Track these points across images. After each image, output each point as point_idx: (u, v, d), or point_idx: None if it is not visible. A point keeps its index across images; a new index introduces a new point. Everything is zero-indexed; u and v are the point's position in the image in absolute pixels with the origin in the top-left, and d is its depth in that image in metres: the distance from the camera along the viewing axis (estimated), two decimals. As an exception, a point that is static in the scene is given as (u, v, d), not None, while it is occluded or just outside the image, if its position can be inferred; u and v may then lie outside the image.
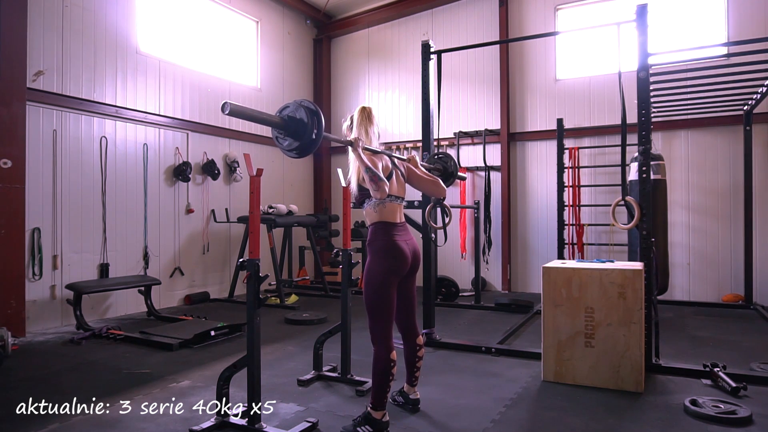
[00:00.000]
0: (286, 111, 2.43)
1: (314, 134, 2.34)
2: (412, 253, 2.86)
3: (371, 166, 2.64)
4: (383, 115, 8.95)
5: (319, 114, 2.36)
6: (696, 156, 6.77)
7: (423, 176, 3.06)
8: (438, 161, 3.83)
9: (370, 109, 2.94)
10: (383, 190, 2.65)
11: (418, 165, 3.11)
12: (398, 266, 2.76)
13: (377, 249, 2.76)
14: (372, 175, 2.62)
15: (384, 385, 2.68)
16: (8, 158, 4.81)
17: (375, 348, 2.72)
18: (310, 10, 8.99)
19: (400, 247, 2.77)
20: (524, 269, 7.80)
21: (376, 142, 2.92)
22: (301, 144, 2.39)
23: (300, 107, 2.37)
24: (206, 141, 7.18)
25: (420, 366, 3.09)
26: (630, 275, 3.35)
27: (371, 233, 2.82)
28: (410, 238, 2.91)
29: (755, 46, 4.02)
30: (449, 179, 3.80)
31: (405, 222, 2.95)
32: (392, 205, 2.83)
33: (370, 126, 2.88)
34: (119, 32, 6.07)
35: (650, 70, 3.92)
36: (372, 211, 2.82)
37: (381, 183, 2.63)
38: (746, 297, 6.13)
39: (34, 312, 5.18)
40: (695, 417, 2.89)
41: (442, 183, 3.10)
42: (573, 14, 7.57)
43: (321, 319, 5.59)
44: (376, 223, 2.81)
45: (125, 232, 6.12)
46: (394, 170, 2.93)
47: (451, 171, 3.76)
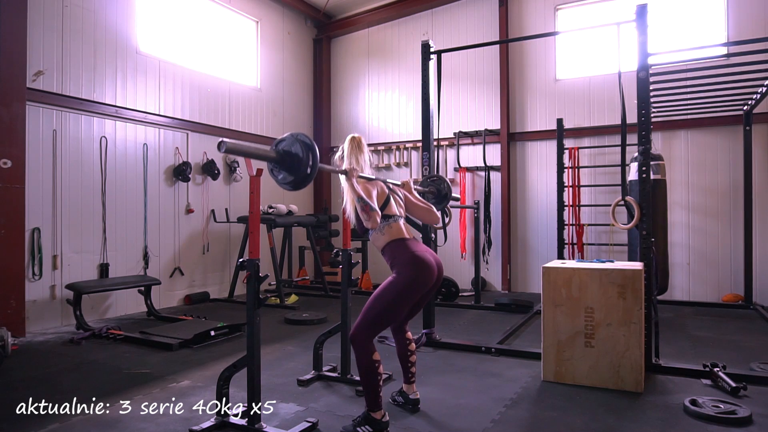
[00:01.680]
0: (282, 145, 2.45)
1: (309, 169, 2.37)
2: (437, 264, 2.81)
3: (364, 196, 2.65)
4: (383, 115, 8.96)
5: (314, 148, 2.38)
6: (696, 156, 6.77)
7: (417, 203, 3.10)
8: (431, 184, 3.84)
9: (360, 137, 2.99)
10: (374, 220, 2.64)
11: (412, 190, 3.15)
12: (425, 278, 2.69)
13: (403, 263, 2.68)
14: (364, 205, 2.63)
15: (374, 386, 2.67)
16: (8, 158, 4.81)
17: (355, 351, 2.68)
18: (310, 10, 8.99)
19: (425, 259, 2.71)
20: (524, 269, 7.80)
21: (368, 169, 2.94)
22: (296, 179, 2.42)
23: (296, 141, 2.39)
24: (206, 141, 7.18)
25: (413, 361, 3.10)
26: (630, 275, 3.35)
27: (389, 254, 2.77)
28: (430, 250, 2.88)
29: (755, 46, 4.02)
30: (442, 202, 3.81)
31: (415, 237, 2.93)
32: (397, 224, 2.84)
33: (360, 154, 2.91)
34: (119, 32, 6.07)
35: (650, 70, 3.92)
36: (379, 235, 2.81)
37: (372, 213, 2.63)
38: (746, 297, 6.13)
39: (34, 312, 5.18)
40: (695, 417, 2.89)
41: (435, 210, 3.15)
42: (573, 14, 7.57)
43: (321, 319, 5.59)
44: (389, 243, 2.79)
45: (125, 232, 6.12)
46: (391, 194, 2.94)
47: (444, 193, 3.77)
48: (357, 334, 2.67)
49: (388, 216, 2.83)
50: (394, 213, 2.87)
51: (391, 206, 2.88)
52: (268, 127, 8.33)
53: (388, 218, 2.83)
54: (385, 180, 3.01)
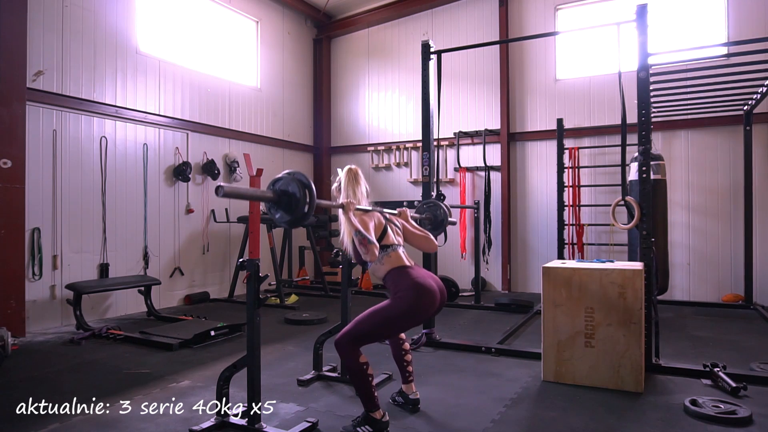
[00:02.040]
0: (279, 184, 2.46)
1: (306, 208, 2.38)
2: (440, 290, 2.78)
3: (361, 229, 2.64)
4: (383, 116, 8.96)
5: (311, 187, 2.39)
6: (696, 156, 6.77)
7: (415, 232, 3.08)
8: (427, 209, 3.83)
9: (356, 169, 3.00)
10: (372, 253, 2.62)
11: (409, 219, 3.14)
12: (426, 305, 2.65)
13: (405, 288, 2.64)
14: (362, 239, 2.61)
15: (367, 387, 2.66)
16: (8, 158, 4.81)
17: (341, 356, 2.67)
18: (310, 10, 8.99)
19: (428, 285, 2.67)
20: (524, 269, 7.80)
21: (365, 200, 2.94)
22: (293, 218, 2.43)
23: (293, 181, 2.40)
24: (206, 141, 7.18)
25: (409, 360, 3.10)
26: (630, 275, 3.35)
27: (391, 282, 2.73)
28: (433, 275, 2.86)
29: (755, 46, 4.02)
30: (439, 228, 3.80)
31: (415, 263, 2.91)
32: (396, 252, 2.83)
33: (357, 186, 2.91)
34: (119, 32, 6.07)
35: (650, 70, 3.91)
36: (379, 265, 2.80)
37: (371, 246, 2.61)
38: (746, 297, 6.13)
39: (34, 312, 5.18)
40: (695, 417, 2.89)
41: (433, 238, 3.13)
42: (573, 14, 7.57)
43: (321, 319, 5.59)
44: (390, 271, 2.77)
45: (125, 232, 6.12)
46: (388, 224, 2.94)
47: (440, 219, 3.77)
48: (343, 342, 2.66)
49: (386, 246, 2.82)
50: (392, 242, 2.86)
51: (388, 236, 2.87)
52: (268, 127, 8.33)
53: (387, 248, 2.81)
54: (381, 210, 3.00)
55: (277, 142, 8.52)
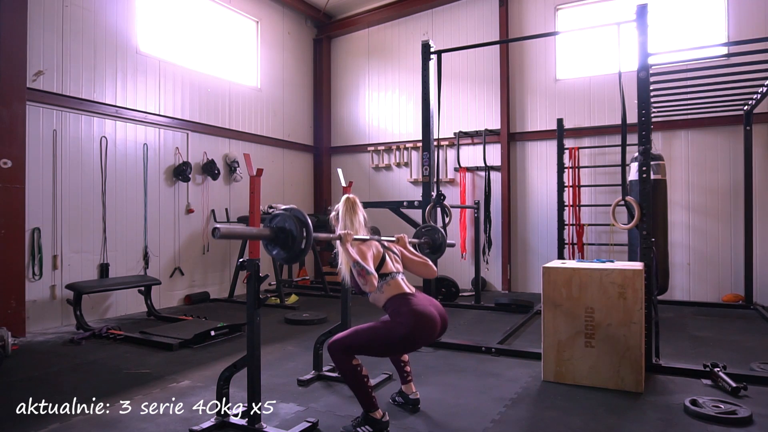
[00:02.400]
0: (276, 221, 2.47)
1: (303, 245, 2.41)
2: (441, 318, 2.76)
3: (359, 259, 2.63)
4: (383, 116, 8.96)
5: (308, 224, 2.42)
6: (696, 156, 6.77)
7: (413, 258, 3.08)
8: (425, 234, 3.83)
9: (354, 198, 3.00)
10: (371, 283, 2.60)
11: (407, 245, 3.14)
12: (428, 334, 2.64)
13: (406, 314, 2.62)
14: (360, 269, 2.60)
15: (363, 388, 2.66)
16: (8, 158, 4.81)
17: (333, 360, 2.66)
18: (310, 10, 8.99)
19: (429, 314, 2.65)
20: (524, 269, 7.80)
21: (363, 230, 2.94)
22: (289, 256, 2.46)
23: (290, 218, 2.43)
24: (206, 141, 7.18)
25: (406, 360, 3.10)
26: (630, 275, 3.35)
27: (391, 309, 2.71)
28: (434, 302, 2.84)
29: (755, 46, 4.02)
30: (437, 252, 3.80)
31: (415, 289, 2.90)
32: (395, 280, 2.82)
33: (354, 216, 2.92)
34: (119, 32, 6.07)
35: (650, 70, 3.91)
36: (379, 294, 2.78)
37: (369, 277, 2.59)
38: (746, 297, 6.12)
39: (34, 312, 5.18)
40: (695, 417, 2.89)
41: (432, 263, 3.13)
42: (573, 14, 7.57)
43: (321, 319, 5.59)
44: (390, 299, 2.75)
45: (125, 232, 6.12)
46: (386, 252, 2.93)
47: (439, 244, 3.77)
48: (335, 349, 2.65)
49: (385, 274, 2.81)
50: (390, 270, 2.84)
51: (387, 264, 2.86)
52: (268, 127, 8.33)
53: (386, 276, 2.80)
54: (379, 239, 3.00)
55: (277, 142, 8.52)
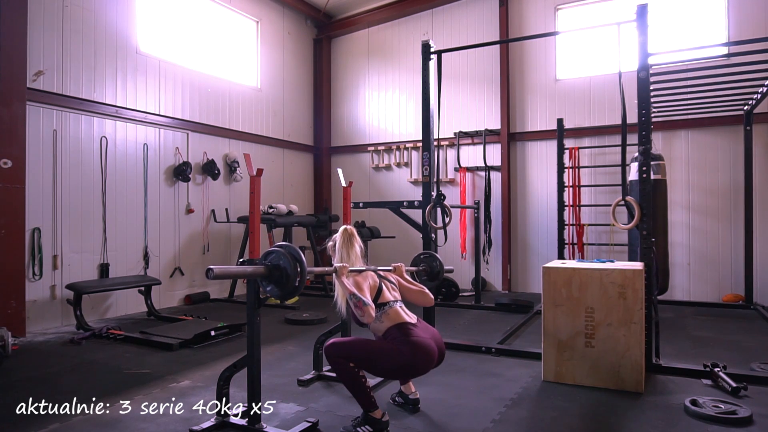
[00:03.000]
0: (270, 257, 2.50)
1: (297, 282, 2.45)
2: (438, 349, 2.77)
3: (355, 291, 2.64)
4: (383, 115, 8.96)
5: (303, 261, 2.46)
6: (696, 156, 6.77)
7: (410, 287, 3.08)
8: (423, 261, 3.82)
9: (352, 230, 3.02)
10: (369, 315, 2.61)
11: (404, 274, 3.15)
12: (422, 366, 2.66)
13: (404, 343, 2.64)
14: (357, 301, 2.61)
15: (361, 389, 2.66)
16: (8, 158, 4.81)
17: (330, 363, 2.67)
18: (310, 10, 8.99)
19: (427, 346, 2.66)
20: (524, 269, 7.80)
21: (360, 261, 2.96)
22: (283, 293, 2.49)
23: (284, 255, 2.46)
24: (206, 141, 7.18)
25: None
26: (630, 275, 3.35)
27: (391, 338, 2.71)
28: (433, 331, 2.85)
29: (755, 46, 4.02)
30: (435, 280, 3.80)
31: (416, 317, 2.90)
32: (393, 309, 2.82)
33: (351, 248, 2.94)
34: (119, 32, 6.07)
35: (650, 70, 3.91)
36: (378, 324, 2.78)
37: (366, 308, 2.60)
38: (746, 297, 6.12)
39: (34, 312, 5.18)
40: (695, 417, 2.89)
41: (429, 292, 3.13)
42: (573, 14, 7.57)
43: (321, 319, 5.58)
44: (390, 328, 2.74)
45: (125, 232, 6.12)
46: (383, 282, 2.93)
47: (437, 271, 3.77)
48: (331, 352, 2.66)
49: (383, 304, 2.81)
50: (388, 300, 2.84)
51: (384, 294, 2.85)
52: (268, 127, 8.33)
53: (384, 306, 2.80)
54: (375, 269, 3.00)
55: (277, 142, 8.52)
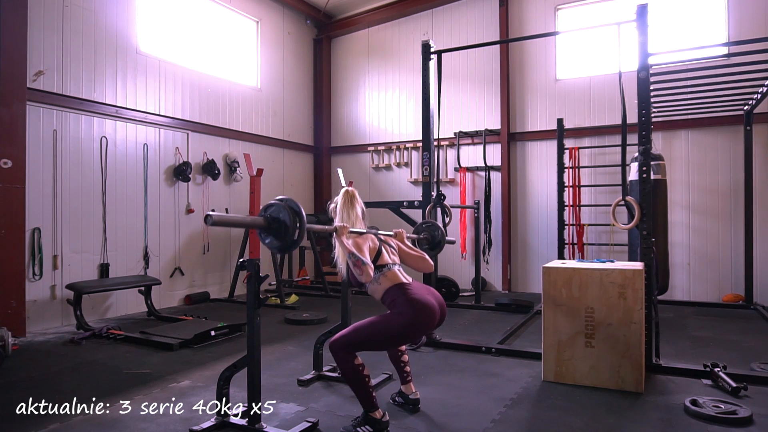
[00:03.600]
0: (270, 210, 2.51)
1: (296, 235, 2.45)
2: (440, 306, 2.77)
3: (355, 251, 2.66)
4: (383, 116, 8.96)
5: (302, 215, 2.46)
6: (696, 156, 6.76)
7: (410, 252, 3.09)
8: (425, 230, 3.83)
9: (353, 192, 3.04)
10: (367, 273, 2.64)
11: (405, 239, 3.15)
12: (426, 322, 2.64)
13: (404, 304, 2.63)
14: (356, 260, 2.63)
15: (364, 388, 2.66)
16: (8, 158, 4.80)
17: (336, 360, 2.66)
18: (310, 10, 8.99)
19: (427, 302, 2.66)
20: (524, 269, 7.80)
21: (360, 223, 2.97)
22: (282, 245, 2.50)
23: (284, 209, 2.46)
24: (206, 141, 7.17)
25: (406, 360, 3.10)
26: (630, 275, 3.34)
27: (389, 300, 2.71)
28: (432, 290, 2.85)
29: (755, 46, 4.02)
30: (436, 248, 3.80)
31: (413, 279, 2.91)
32: (392, 271, 2.82)
33: (352, 209, 2.96)
34: (119, 32, 6.07)
35: (650, 70, 3.91)
36: (376, 285, 2.78)
37: (365, 267, 2.63)
38: (747, 297, 6.12)
39: (34, 312, 5.18)
40: (696, 417, 2.89)
41: (429, 258, 3.13)
42: (573, 14, 7.57)
43: (321, 319, 5.59)
44: (387, 290, 2.74)
45: (125, 232, 6.12)
46: (382, 245, 2.93)
47: (438, 240, 3.77)
48: (337, 347, 2.65)
49: (381, 266, 2.81)
50: (387, 262, 2.85)
51: (383, 256, 2.86)
52: (268, 127, 8.33)
53: (382, 267, 2.81)
54: (376, 232, 3.01)
55: (278, 142, 8.52)
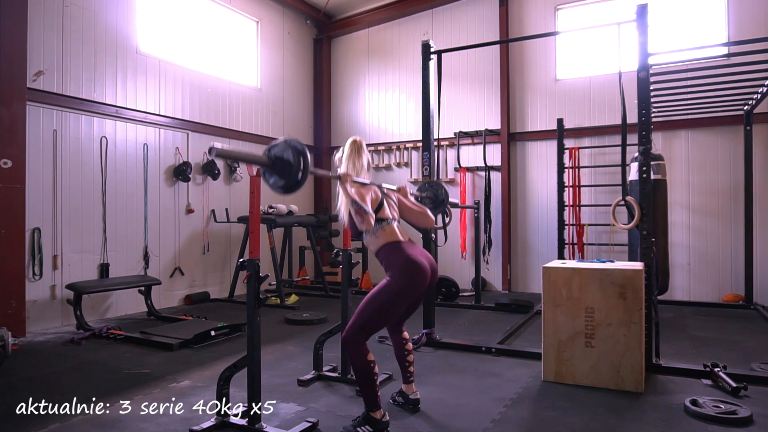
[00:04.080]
0: (274, 150, 2.49)
1: (300, 175, 2.42)
2: (431, 267, 2.82)
3: (357, 199, 2.66)
4: (383, 115, 8.96)
5: (306, 154, 2.43)
6: (696, 156, 6.76)
7: (411, 207, 3.10)
8: (429, 189, 3.84)
9: (360, 141, 3.02)
10: (368, 222, 2.66)
11: (408, 195, 3.16)
12: (418, 282, 2.69)
13: (396, 266, 2.69)
14: (357, 208, 2.64)
15: (371, 386, 2.66)
16: (8, 158, 4.80)
17: (349, 353, 2.68)
18: (310, 10, 8.99)
19: (419, 262, 2.71)
20: (524, 269, 7.80)
21: (365, 174, 2.97)
22: (287, 183, 2.47)
23: (288, 147, 2.43)
24: (206, 141, 7.17)
25: (411, 360, 3.09)
26: (630, 275, 3.35)
27: (383, 256, 2.77)
28: (426, 252, 2.89)
29: (755, 46, 4.02)
30: (439, 207, 3.81)
31: (410, 238, 2.94)
32: (390, 227, 2.84)
33: (358, 159, 2.95)
34: (119, 32, 6.07)
35: (650, 70, 3.91)
36: (373, 238, 2.81)
37: (366, 216, 2.64)
38: (747, 297, 6.12)
39: (34, 312, 5.18)
40: (695, 417, 2.89)
41: (431, 213, 3.14)
42: (573, 14, 7.57)
43: (321, 319, 5.59)
44: (383, 245, 2.79)
45: (125, 232, 6.12)
46: (385, 198, 2.95)
47: (441, 199, 3.77)
48: (349, 337, 2.67)
49: (381, 219, 2.84)
50: (387, 216, 2.87)
51: (384, 210, 2.88)
52: (268, 127, 8.33)
53: (382, 221, 2.83)
54: (380, 185, 3.02)
55: (278, 142, 8.50)
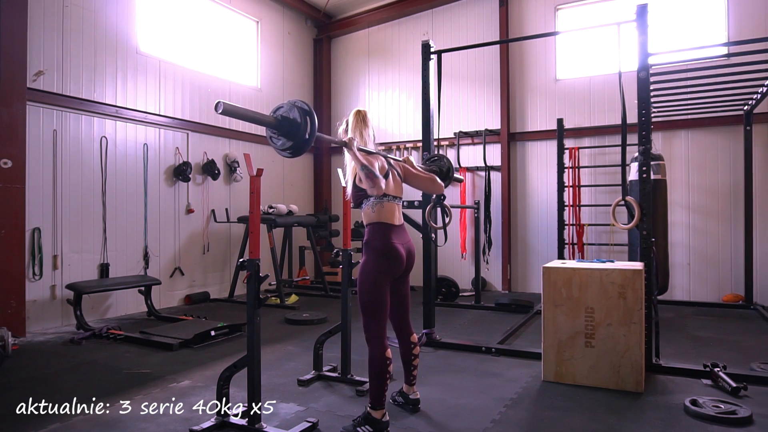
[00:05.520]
0: (280, 111, 2.45)
1: (307, 134, 2.37)
2: (407, 253, 2.88)
3: (366, 163, 2.64)
4: (383, 116, 8.96)
5: (312, 114, 2.39)
6: (696, 156, 6.77)
7: (420, 174, 3.08)
8: (432, 164, 3.84)
9: (365, 112, 2.97)
10: (379, 186, 2.63)
11: (414, 164, 3.14)
12: (392, 268, 2.78)
13: (373, 250, 2.77)
14: (368, 173, 2.61)
15: (381, 384, 2.68)
16: (8, 158, 4.80)
17: (369, 347, 2.74)
18: (310, 10, 8.99)
19: (396, 248, 2.79)
20: (524, 269, 7.80)
21: (371, 144, 2.93)
22: (295, 144, 2.42)
23: (294, 107, 2.40)
24: (206, 141, 7.17)
25: (416, 364, 3.10)
26: (630, 275, 3.35)
27: (368, 233, 2.83)
28: (407, 240, 2.93)
29: (755, 46, 4.02)
30: (445, 180, 3.81)
31: (404, 223, 2.96)
32: (390, 204, 2.83)
33: (365, 128, 2.90)
34: (119, 32, 6.07)
35: (650, 70, 3.91)
36: (370, 211, 2.82)
37: (377, 180, 2.62)
38: (746, 297, 6.12)
39: (34, 312, 5.18)
40: (695, 417, 2.89)
41: (439, 179, 3.13)
42: (573, 14, 7.57)
43: (321, 319, 5.59)
44: (374, 223, 2.82)
45: (125, 232, 6.12)
46: (390, 170, 2.92)
47: (446, 170, 3.77)
48: (365, 329, 2.75)
49: (385, 194, 2.82)
50: (390, 192, 2.85)
51: (389, 183, 2.85)
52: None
53: (383, 197, 2.81)
54: (386, 155, 2.98)
55: (277, 142, 8.50)
